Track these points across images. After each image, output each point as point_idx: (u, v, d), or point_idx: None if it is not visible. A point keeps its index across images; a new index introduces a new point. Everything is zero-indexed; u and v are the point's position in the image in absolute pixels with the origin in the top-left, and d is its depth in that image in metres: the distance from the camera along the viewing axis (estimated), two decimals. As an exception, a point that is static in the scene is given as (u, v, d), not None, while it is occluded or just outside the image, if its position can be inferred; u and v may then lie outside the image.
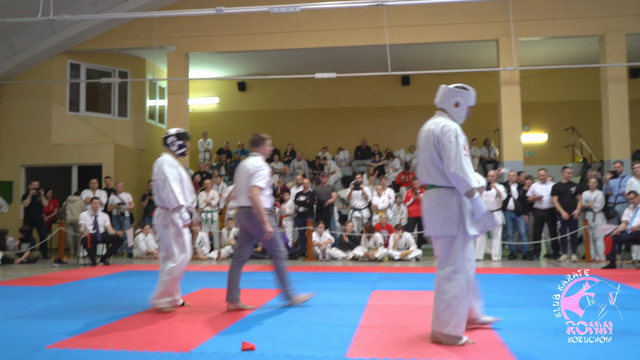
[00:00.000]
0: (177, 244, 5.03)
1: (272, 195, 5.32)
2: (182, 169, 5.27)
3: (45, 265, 10.11)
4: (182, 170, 5.26)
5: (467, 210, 3.68)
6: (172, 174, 5.05)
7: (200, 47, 13.54)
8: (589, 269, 3.55)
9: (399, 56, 13.47)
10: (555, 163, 14.87)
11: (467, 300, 3.67)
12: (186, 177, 5.26)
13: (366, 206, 11.42)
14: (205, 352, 3.54)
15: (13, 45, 13.12)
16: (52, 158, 13.78)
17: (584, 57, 14.31)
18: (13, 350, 3.59)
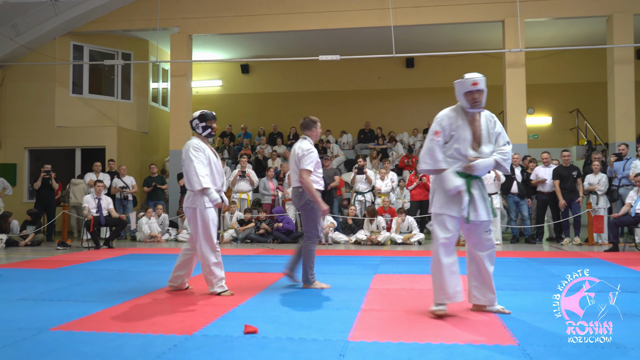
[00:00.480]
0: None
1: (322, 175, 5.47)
2: (210, 152, 5.13)
3: (50, 248, 10.17)
4: (211, 153, 5.12)
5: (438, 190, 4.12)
6: (197, 157, 4.99)
7: (203, 28, 13.44)
8: (592, 252, 3.51)
9: (403, 38, 13.36)
10: (559, 146, 14.80)
11: (439, 272, 4.02)
12: (216, 159, 5.13)
13: (369, 190, 11.40)
14: (208, 334, 3.56)
15: (16, 26, 13.07)
16: (56, 141, 13.79)
17: (591, 39, 14.15)
18: (17, 332, 3.62)
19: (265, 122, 16.73)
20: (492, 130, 4.17)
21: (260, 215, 11.11)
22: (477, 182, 4.13)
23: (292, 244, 10.37)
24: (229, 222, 11.13)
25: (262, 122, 16.79)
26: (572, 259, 7.78)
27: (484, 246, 4.11)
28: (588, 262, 7.38)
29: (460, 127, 4.08)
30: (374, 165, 13.31)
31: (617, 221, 8.86)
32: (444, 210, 4.05)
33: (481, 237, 4.10)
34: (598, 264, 7.10)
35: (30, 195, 13.65)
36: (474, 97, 4.10)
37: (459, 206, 4.02)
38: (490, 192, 10.08)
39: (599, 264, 7.10)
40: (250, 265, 7.09)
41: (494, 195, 10.08)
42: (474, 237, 4.12)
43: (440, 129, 4.07)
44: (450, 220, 4.04)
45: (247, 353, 3.14)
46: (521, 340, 3.34)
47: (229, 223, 11.08)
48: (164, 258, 8.10)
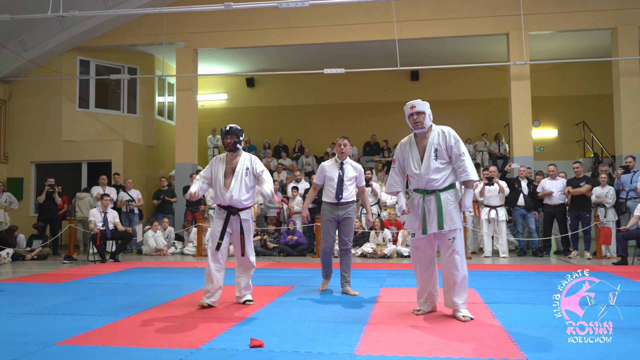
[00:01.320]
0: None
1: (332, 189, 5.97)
2: (220, 165, 5.14)
3: (56, 261, 10.18)
4: (219, 167, 5.14)
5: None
6: (203, 171, 5.28)
7: (209, 43, 13.54)
8: (600, 265, 3.49)
9: (408, 51, 13.42)
10: (566, 158, 14.77)
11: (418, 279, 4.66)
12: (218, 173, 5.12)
13: (375, 202, 11.39)
14: (214, 348, 3.54)
15: (23, 42, 13.21)
16: (62, 155, 13.87)
17: (596, 51, 14.17)
18: (23, 347, 3.61)
19: (271, 135, 16.78)
20: (444, 144, 4.48)
21: (270, 228, 11.12)
22: (432, 196, 4.45)
23: (298, 257, 10.35)
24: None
25: (267, 135, 16.85)
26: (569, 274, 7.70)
27: (444, 254, 4.47)
28: (596, 275, 7.29)
29: (409, 150, 4.61)
30: (380, 177, 13.30)
31: (625, 234, 8.79)
32: (409, 227, 4.66)
33: (443, 246, 4.47)
34: (607, 277, 7.03)
35: (36, 209, 13.70)
36: (415, 119, 4.56)
37: (415, 222, 4.54)
38: (494, 204, 10.06)
39: (607, 277, 7.03)
40: (256, 279, 7.06)
41: (499, 208, 10.06)
42: (440, 246, 4.52)
43: (395, 157, 4.75)
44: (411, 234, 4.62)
45: (254, 367, 3.13)
46: (529, 355, 3.31)
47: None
48: (170, 271, 8.10)
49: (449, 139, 4.46)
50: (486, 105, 16.46)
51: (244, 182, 5.08)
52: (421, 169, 4.46)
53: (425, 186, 4.46)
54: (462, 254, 4.45)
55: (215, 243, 5.07)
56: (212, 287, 5.05)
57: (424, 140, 4.54)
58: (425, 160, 4.45)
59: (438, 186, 4.43)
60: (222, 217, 5.11)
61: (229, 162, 5.16)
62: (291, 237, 10.72)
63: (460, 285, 4.40)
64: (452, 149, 4.44)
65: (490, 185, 10.04)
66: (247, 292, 5.25)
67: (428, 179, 4.42)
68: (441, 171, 4.43)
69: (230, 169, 5.13)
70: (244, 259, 5.19)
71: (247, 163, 5.15)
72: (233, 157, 5.16)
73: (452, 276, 4.40)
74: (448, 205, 4.42)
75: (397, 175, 4.70)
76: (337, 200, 5.80)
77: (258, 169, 5.17)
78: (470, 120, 16.59)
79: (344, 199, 5.80)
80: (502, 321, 4.29)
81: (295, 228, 10.87)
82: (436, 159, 4.42)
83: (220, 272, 5.08)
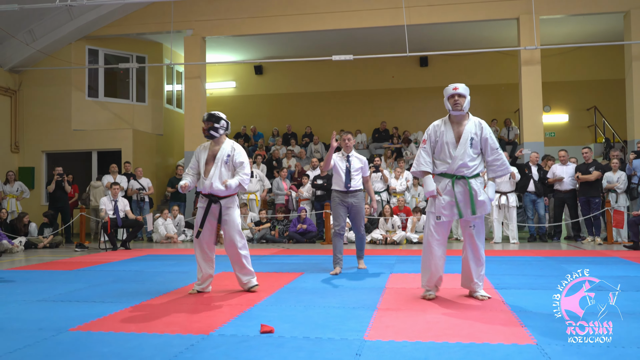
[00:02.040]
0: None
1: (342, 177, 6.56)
2: (203, 153, 5.11)
3: (68, 250, 10.28)
4: (201, 155, 5.11)
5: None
6: (191, 162, 5.25)
7: (216, 30, 13.51)
8: (611, 251, 3.47)
9: (417, 37, 13.31)
10: (576, 144, 14.63)
11: (426, 264, 4.66)
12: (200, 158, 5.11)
13: (385, 189, 11.37)
14: (225, 334, 3.57)
15: (32, 32, 13.24)
16: (72, 144, 13.96)
17: (608, 35, 13.98)
18: (37, 333, 3.66)
19: (279, 122, 16.77)
20: (480, 135, 4.54)
21: (278, 216, 11.16)
22: (461, 182, 4.50)
23: (307, 244, 10.38)
24: (244, 223, 11.17)
25: (276, 122, 16.83)
26: (591, 257, 7.69)
27: (468, 239, 4.62)
28: (607, 260, 7.28)
29: (444, 132, 4.55)
30: (389, 164, 13.26)
31: (636, 219, 8.73)
32: (430, 209, 4.63)
33: (466, 230, 4.60)
34: (617, 263, 7.01)
35: (47, 198, 13.82)
36: (455, 100, 4.52)
37: (439, 207, 4.53)
38: (505, 190, 10.02)
39: (618, 263, 7.01)
40: (265, 265, 7.11)
41: (509, 194, 10.01)
42: (464, 231, 4.63)
43: (427, 137, 4.64)
44: (433, 217, 4.60)
45: (264, 352, 3.15)
46: (539, 340, 3.30)
47: (245, 224, 11.12)
48: (180, 259, 8.15)
49: (485, 131, 4.54)
50: (496, 91, 16.32)
51: (223, 170, 4.98)
52: (456, 153, 4.46)
53: (455, 171, 4.48)
54: (483, 239, 4.66)
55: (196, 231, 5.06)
56: (200, 276, 5.09)
57: (459, 126, 4.55)
58: (461, 145, 4.47)
59: (468, 173, 4.48)
60: (203, 205, 5.05)
61: (211, 150, 5.10)
62: (301, 226, 10.75)
63: (481, 268, 4.65)
64: (488, 141, 4.53)
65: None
66: (248, 277, 5.14)
67: (461, 164, 4.45)
68: (474, 160, 4.50)
69: (211, 156, 5.06)
70: (229, 246, 5.06)
71: (228, 151, 5.04)
72: (215, 144, 5.09)
73: (474, 259, 4.60)
74: (478, 192, 4.50)
75: (427, 155, 4.60)
76: (346, 188, 6.42)
77: (237, 159, 5.02)
78: (480, 106, 16.42)
79: (352, 187, 6.43)
80: (512, 307, 4.29)
81: (306, 216, 10.89)
82: (471, 147, 4.48)
83: (206, 261, 5.06)
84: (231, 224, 5.03)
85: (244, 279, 5.15)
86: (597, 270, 6.28)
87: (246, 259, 5.11)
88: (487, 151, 4.53)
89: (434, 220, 4.58)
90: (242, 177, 4.98)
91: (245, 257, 5.10)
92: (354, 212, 6.50)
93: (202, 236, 5.04)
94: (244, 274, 5.13)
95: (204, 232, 5.03)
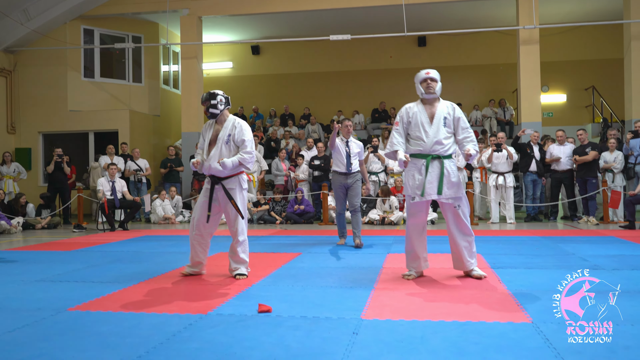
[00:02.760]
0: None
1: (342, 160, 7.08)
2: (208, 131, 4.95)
3: (66, 230, 10.29)
4: (207, 134, 4.95)
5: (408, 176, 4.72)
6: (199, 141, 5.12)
7: (213, 10, 13.37)
8: (607, 230, 3.48)
9: (415, 16, 13.19)
10: (574, 124, 14.62)
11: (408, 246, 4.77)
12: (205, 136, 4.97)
13: (382, 170, 11.37)
14: (223, 314, 3.60)
15: (26, 11, 13.09)
16: (69, 125, 13.89)
17: (606, 14, 13.88)
18: (37, 313, 3.68)
19: (277, 103, 16.69)
20: (452, 115, 4.67)
21: (276, 197, 11.16)
22: (435, 162, 4.57)
23: (305, 225, 10.41)
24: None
25: (274, 103, 16.76)
26: (587, 237, 7.73)
27: (452, 221, 4.66)
28: (603, 239, 7.33)
29: (417, 113, 4.67)
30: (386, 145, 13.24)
31: (633, 199, 8.76)
32: (411, 192, 4.67)
33: (449, 212, 4.64)
34: (613, 242, 7.05)
35: (44, 179, 13.80)
36: (428, 84, 4.68)
37: (413, 188, 4.61)
38: (503, 170, 10.03)
39: (614, 242, 7.05)
40: (263, 246, 7.13)
41: (507, 174, 10.02)
42: (445, 212, 4.68)
43: (399, 119, 4.77)
44: (409, 199, 4.69)
45: (261, 331, 3.17)
46: (535, 318, 3.34)
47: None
48: (178, 239, 8.17)
49: (456, 111, 4.71)
50: (494, 71, 16.24)
51: (223, 151, 4.81)
52: (430, 132, 4.57)
53: (430, 151, 4.56)
54: (468, 219, 4.69)
55: (199, 213, 4.88)
56: (191, 258, 4.99)
57: (432, 108, 4.69)
58: (435, 125, 4.59)
59: (443, 152, 4.57)
60: (207, 186, 4.90)
61: (215, 129, 4.93)
62: (298, 207, 10.76)
63: (471, 247, 4.70)
64: (460, 121, 4.67)
65: (499, 151, 9.98)
66: (239, 265, 4.91)
67: (435, 142, 4.55)
68: (447, 139, 4.60)
69: (214, 136, 4.90)
70: (231, 227, 4.91)
71: (230, 129, 4.85)
72: (218, 123, 4.91)
73: (462, 240, 4.65)
74: (451, 173, 4.59)
75: (400, 136, 4.72)
76: (347, 171, 6.99)
77: (238, 137, 4.82)
78: (479, 86, 16.41)
79: (352, 169, 7.01)
80: (508, 285, 4.32)
81: (303, 197, 10.90)
82: (444, 126, 4.59)
83: (201, 245, 4.94)
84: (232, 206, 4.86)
85: (233, 265, 4.94)
86: (593, 249, 6.33)
87: (242, 246, 4.89)
88: (458, 130, 4.66)
89: (410, 202, 4.68)
90: (243, 156, 4.79)
91: (242, 243, 4.88)
92: (352, 191, 7.05)
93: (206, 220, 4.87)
94: (235, 260, 4.92)
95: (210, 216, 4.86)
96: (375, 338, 3.02)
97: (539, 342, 2.91)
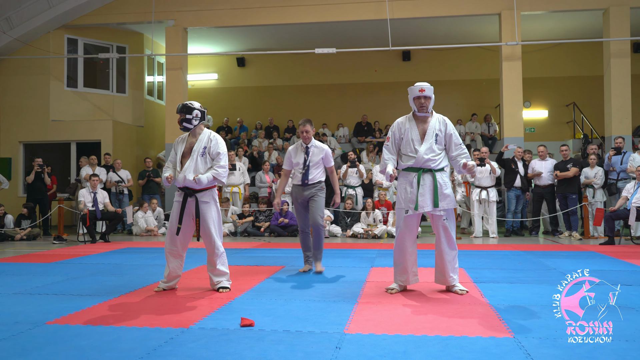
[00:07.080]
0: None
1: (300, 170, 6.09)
2: (180, 145, 4.97)
3: (46, 242, 10.14)
4: (179, 147, 4.96)
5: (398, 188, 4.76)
6: (170, 155, 5.07)
7: (198, 21, 13.37)
8: (588, 245, 3.52)
9: (399, 31, 13.33)
10: (556, 139, 14.83)
11: (397, 259, 4.79)
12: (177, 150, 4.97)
13: (359, 184, 11.31)
14: (205, 327, 3.56)
15: (10, 19, 12.98)
16: (51, 134, 13.74)
17: (587, 32, 14.15)
18: (14, 326, 3.61)
19: (262, 115, 16.69)
20: (444, 132, 4.68)
21: (261, 208, 11.11)
22: (427, 175, 4.61)
23: (288, 237, 10.36)
24: (226, 216, 11.12)
25: (259, 115, 16.75)
26: (568, 252, 7.80)
27: (440, 234, 4.69)
28: (584, 255, 7.40)
29: (409, 129, 4.66)
30: (370, 158, 13.29)
31: (613, 214, 8.88)
32: (404, 205, 4.69)
33: (437, 225, 4.67)
34: (594, 257, 7.12)
35: (24, 189, 13.60)
36: (421, 102, 4.63)
37: (407, 201, 4.64)
38: (486, 185, 10.11)
39: (594, 257, 7.12)
40: (247, 259, 7.09)
41: (490, 189, 10.11)
42: (435, 225, 4.70)
43: (391, 134, 4.77)
44: (400, 212, 4.71)
45: (244, 345, 3.14)
46: (516, 333, 3.35)
47: (227, 217, 11.07)
48: (160, 252, 8.08)
49: (448, 127, 4.71)
50: (477, 86, 16.44)
51: (198, 163, 4.80)
52: (420, 150, 4.58)
53: (421, 165, 4.60)
54: (454, 228, 4.74)
55: (174, 227, 4.85)
56: (167, 274, 4.91)
57: (424, 123, 4.69)
58: (426, 141, 4.61)
59: (434, 166, 4.61)
60: (179, 199, 4.86)
61: (188, 142, 4.93)
62: (282, 220, 10.71)
63: (455, 262, 4.72)
64: (452, 137, 4.69)
65: (482, 166, 10.08)
66: (220, 278, 4.86)
67: (426, 158, 4.57)
68: (438, 155, 4.64)
69: (188, 148, 4.89)
70: (206, 243, 4.85)
71: (205, 142, 4.86)
72: (192, 136, 4.92)
73: (448, 254, 4.68)
74: (443, 185, 4.62)
75: (390, 152, 4.75)
76: (303, 183, 5.91)
77: (214, 150, 4.83)
78: (462, 101, 16.58)
79: (311, 181, 5.90)
80: (491, 300, 4.34)
81: (288, 210, 10.86)
82: (436, 142, 4.62)
83: (176, 258, 4.90)
84: (208, 220, 4.81)
85: (214, 279, 4.89)
86: (574, 264, 6.38)
87: (220, 259, 4.85)
88: (451, 147, 4.69)
89: (403, 215, 4.68)
90: (217, 171, 4.80)
91: (220, 256, 4.85)
92: (312, 204, 5.91)
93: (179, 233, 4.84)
94: (215, 274, 4.87)
95: (182, 228, 4.84)
96: (358, 352, 3.01)
97: (521, 356, 2.92)
